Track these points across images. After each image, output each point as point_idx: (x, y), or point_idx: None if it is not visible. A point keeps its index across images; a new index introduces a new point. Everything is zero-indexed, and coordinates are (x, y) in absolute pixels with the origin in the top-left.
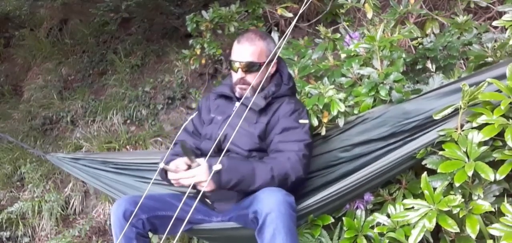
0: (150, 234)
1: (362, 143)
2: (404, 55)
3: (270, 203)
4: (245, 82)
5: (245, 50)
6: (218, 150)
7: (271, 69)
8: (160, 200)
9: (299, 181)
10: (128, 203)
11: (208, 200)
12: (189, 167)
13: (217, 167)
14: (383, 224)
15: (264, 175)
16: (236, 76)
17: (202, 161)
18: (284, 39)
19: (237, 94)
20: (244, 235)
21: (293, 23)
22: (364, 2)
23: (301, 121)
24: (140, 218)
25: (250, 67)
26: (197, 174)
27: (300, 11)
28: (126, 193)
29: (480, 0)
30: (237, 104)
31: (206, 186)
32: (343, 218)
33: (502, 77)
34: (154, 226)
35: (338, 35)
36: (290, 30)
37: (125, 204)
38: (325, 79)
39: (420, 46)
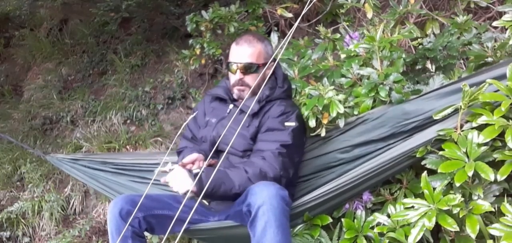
0: (149, 235)
1: (362, 144)
2: (404, 56)
3: (263, 196)
4: (243, 83)
5: (243, 51)
6: (216, 152)
7: (269, 72)
8: (157, 200)
9: (279, 179)
10: (124, 201)
11: (205, 200)
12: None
13: (196, 170)
14: (383, 224)
15: (238, 175)
16: (234, 77)
17: (175, 165)
18: (286, 41)
19: (235, 96)
20: (241, 233)
21: (295, 25)
22: (364, 2)
23: (286, 124)
24: (136, 217)
25: (249, 69)
26: (171, 179)
27: (302, 14)
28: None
29: (480, 0)
30: (231, 106)
31: (188, 187)
32: (342, 219)
33: (502, 77)
34: (151, 225)
35: (338, 35)
36: (291, 32)
37: (121, 203)
38: (325, 79)
39: (420, 47)
